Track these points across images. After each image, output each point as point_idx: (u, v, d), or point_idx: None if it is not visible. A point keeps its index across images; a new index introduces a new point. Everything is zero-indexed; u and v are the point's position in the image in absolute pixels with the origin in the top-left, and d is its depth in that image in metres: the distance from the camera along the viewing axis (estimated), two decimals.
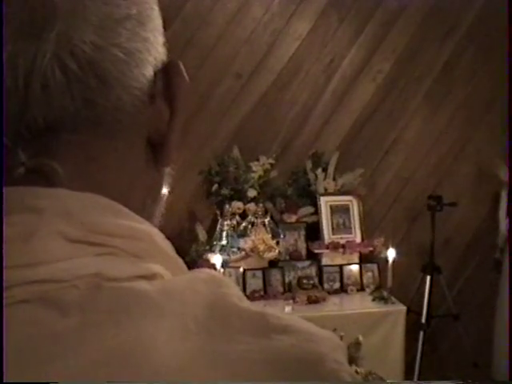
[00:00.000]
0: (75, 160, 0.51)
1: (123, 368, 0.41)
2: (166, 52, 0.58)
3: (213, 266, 3.78)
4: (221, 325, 0.45)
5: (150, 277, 0.48)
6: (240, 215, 4.13)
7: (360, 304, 3.98)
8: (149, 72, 0.54)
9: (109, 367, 0.41)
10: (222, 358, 0.43)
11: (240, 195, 4.14)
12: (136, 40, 0.52)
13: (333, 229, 4.20)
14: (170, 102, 0.57)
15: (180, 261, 0.54)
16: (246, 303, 0.48)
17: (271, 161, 4.25)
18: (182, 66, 0.59)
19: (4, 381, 0.39)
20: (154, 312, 0.44)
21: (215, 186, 4.16)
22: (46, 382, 0.39)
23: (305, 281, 3.97)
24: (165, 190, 0.62)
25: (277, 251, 4.04)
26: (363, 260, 4.19)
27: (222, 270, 3.77)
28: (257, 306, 0.49)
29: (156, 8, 0.57)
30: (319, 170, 4.26)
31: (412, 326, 3.93)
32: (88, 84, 0.49)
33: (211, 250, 3.97)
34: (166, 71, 0.57)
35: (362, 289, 4.10)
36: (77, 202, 0.48)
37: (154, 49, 0.55)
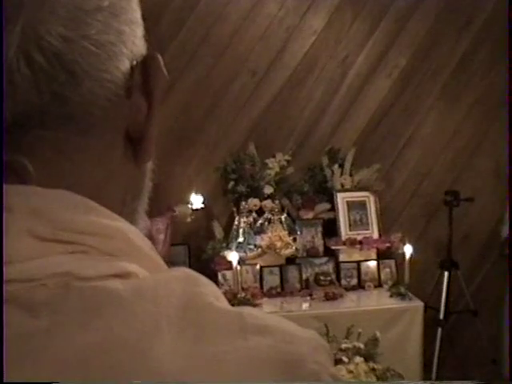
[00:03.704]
0: (46, 156, 0.49)
1: (93, 369, 0.40)
2: (145, 45, 0.56)
3: (229, 263, 3.79)
4: (195, 325, 0.44)
5: (123, 275, 0.46)
6: (256, 212, 4.13)
7: (377, 300, 3.96)
8: (124, 65, 0.52)
9: (78, 368, 0.40)
10: (195, 359, 0.42)
11: (256, 192, 4.14)
12: (108, 32, 0.50)
13: (350, 225, 4.19)
14: (147, 95, 0.55)
15: (158, 258, 0.52)
16: (223, 303, 0.47)
17: (287, 157, 4.25)
18: (160, 59, 0.57)
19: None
20: (125, 312, 0.43)
21: (231, 184, 4.17)
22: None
23: (322, 277, 3.97)
24: (149, 186, 0.61)
25: (294, 248, 4.04)
26: (380, 256, 4.17)
27: (238, 267, 3.78)
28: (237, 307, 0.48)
29: (134, 0, 0.55)
30: (336, 166, 4.25)
31: (430, 323, 3.91)
32: (56, 78, 0.47)
33: (228, 247, 3.98)
34: (145, 64, 0.55)
35: (379, 285, 4.09)
36: (47, 200, 0.46)
37: (131, 41, 0.53)
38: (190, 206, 3.96)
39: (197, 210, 4.01)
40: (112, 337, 0.41)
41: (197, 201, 4.00)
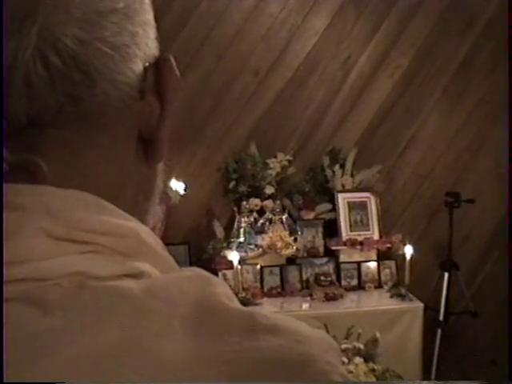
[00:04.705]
0: (60, 156, 0.50)
1: (106, 368, 0.40)
2: (158, 47, 0.57)
3: (230, 263, 3.79)
4: (207, 325, 0.44)
5: (136, 275, 0.47)
6: (257, 212, 4.13)
7: (377, 301, 3.96)
8: (138, 67, 0.53)
9: (91, 367, 0.40)
10: (208, 359, 0.42)
11: (257, 192, 4.14)
12: (123, 34, 0.51)
13: (350, 226, 4.19)
14: (160, 96, 0.56)
15: (170, 258, 0.53)
16: (235, 303, 0.47)
17: (289, 157, 4.25)
18: (173, 61, 0.57)
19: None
20: (138, 312, 0.43)
21: (233, 183, 4.17)
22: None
23: (322, 278, 3.96)
24: (160, 187, 0.61)
25: (294, 248, 4.04)
26: (381, 257, 4.17)
27: (239, 266, 3.78)
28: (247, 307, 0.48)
29: (146, 2, 0.56)
30: (337, 167, 4.25)
31: (430, 324, 3.91)
32: (71, 79, 0.48)
33: (229, 247, 3.98)
34: (157, 66, 0.56)
35: (379, 286, 4.09)
36: (61, 199, 0.47)
37: (144, 43, 0.54)
38: (175, 191, 3.97)
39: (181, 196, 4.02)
40: (125, 336, 0.42)
41: (178, 187, 4.00)
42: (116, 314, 0.43)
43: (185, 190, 4.04)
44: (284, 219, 4.14)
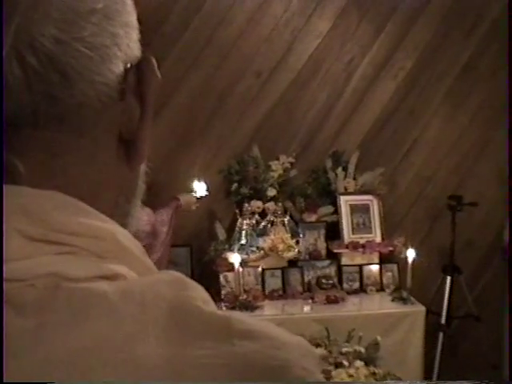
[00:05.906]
0: (38, 156, 0.50)
1: (78, 369, 0.40)
2: (140, 48, 0.57)
3: (231, 265, 3.78)
4: (181, 329, 0.44)
5: (112, 277, 0.47)
6: (259, 214, 4.13)
7: (379, 304, 3.96)
8: (118, 68, 0.53)
9: (64, 368, 0.40)
10: (180, 363, 0.42)
11: (259, 194, 4.14)
12: (102, 35, 0.51)
13: (353, 228, 4.18)
14: (140, 98, 0.56)
15: (148, 261, 0.53)
16: (212, 307, 0.47)
17: (291, 160, 4.25)
18: (154, 62, 0.57)
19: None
20: (111, 314, 0.43)
21: (235, 185, 4.16)
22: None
23: (324, 280, 3.96)
24: (142, 188, 0.61)
25: (296, 251, 4.03)
26: (383, 260, 4.17)
27: (240, 269, 3.77)
28: (224, 311, 0.48)
29: (129, 3, 0.56)
30: (339, 169, 4.24)
31: (432, 327, 3.90)
32: (48, 79, 0.47)
33: (230, 249, 3.98)
34: (139, 67, 0.56)
35: (381, 289, 4.08)
36: (37, 200, 0.47)
37: (125, 44, 0.54)
38: (193, 193, 3.85)
39: (201, 197, 3.87)
40: (98, 338, 0.42)
41: (200, 188, 3.89)
42: (90, 315, 0.43)
43: (207, 190, 3.89)
44: (286, 221, 4.13)
